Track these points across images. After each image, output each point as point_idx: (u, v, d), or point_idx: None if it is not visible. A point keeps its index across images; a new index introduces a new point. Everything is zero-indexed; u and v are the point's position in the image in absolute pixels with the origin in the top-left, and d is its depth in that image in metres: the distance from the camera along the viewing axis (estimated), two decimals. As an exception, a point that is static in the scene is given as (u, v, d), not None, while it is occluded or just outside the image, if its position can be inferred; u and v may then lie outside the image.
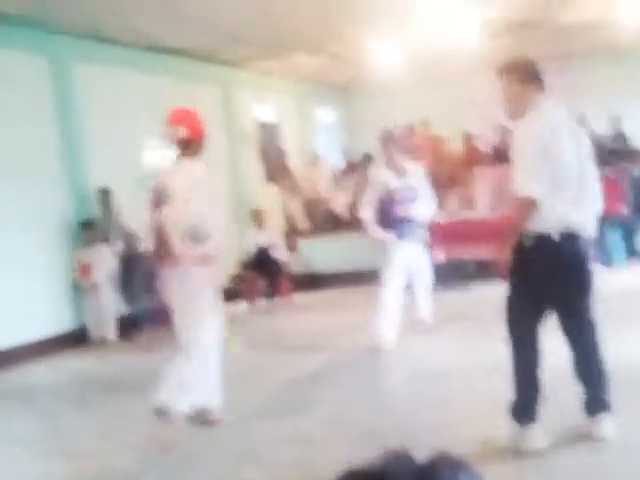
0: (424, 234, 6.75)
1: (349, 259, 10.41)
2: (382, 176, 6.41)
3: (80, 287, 8.23)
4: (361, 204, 6.67)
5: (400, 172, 6.40)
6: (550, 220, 3.51)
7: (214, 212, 4.48)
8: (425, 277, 6.85)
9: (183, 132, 4.61)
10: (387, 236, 6.36)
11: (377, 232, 6.42)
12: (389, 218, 6.38)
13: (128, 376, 6.43)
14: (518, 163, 3.56)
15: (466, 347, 6.14)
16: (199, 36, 9.32)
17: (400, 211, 6.34)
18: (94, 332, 8.18)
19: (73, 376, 6.83)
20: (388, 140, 6.49)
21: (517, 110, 3.71)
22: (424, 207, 6.52)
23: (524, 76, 3.67)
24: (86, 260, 8.15)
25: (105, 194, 8.46)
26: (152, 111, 9.46)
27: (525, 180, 3.48)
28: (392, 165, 6.41)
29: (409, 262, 6.52)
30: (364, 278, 9.61)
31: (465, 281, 9.36)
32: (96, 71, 8.69)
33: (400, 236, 6.36)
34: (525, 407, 3.67)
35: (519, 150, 3.58)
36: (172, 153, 4.73)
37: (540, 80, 3.71)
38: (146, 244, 5.41)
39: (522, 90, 3.66)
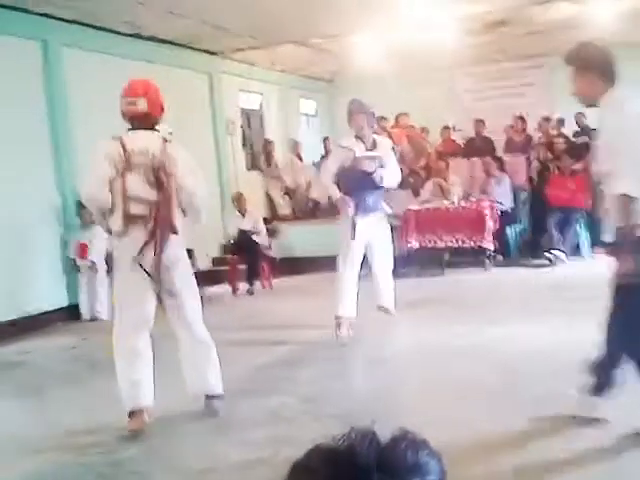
0: (385, 208, 6.63)
1: (329, 244, 10.70)
2: (348, 144, 6.24)
3: (76, 266, 8.48)
4: (322, 169, 6.57)
5: (368, 142, 6.26)
6: None
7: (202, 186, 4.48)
8: (386, 255, 6.65)
9: (143, 105, 4.51)
10: (346, 202, 6.15)
11: (336, 194, 6.22)
12: (351, 187, 6.19)
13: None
14: (611, 158, 3.49)
15: (439, 331, 6.28)
16: (186, 25, 9.57)
17: (362, 179, 6.17)
18: (88, 311, 8.43)
19: (63, 352, 7.01)
20: (359, 110, 6.24)
21: (588, 99, 3.71)
22: (388, 176, 6.37)
23: (594, 64, 3.63)
24: (83, 240, 8.42)
25: None
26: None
27: (619, 176, 3.44)
28: (362, 135, 6.23)
29: (369, 237, 6.37)
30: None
31: (439, 268, 9.72)
32: (85, 57, 8.91)
33: (361, 209, 6.20)
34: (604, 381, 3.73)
35: (612, 144, 3.49)
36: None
37: (612, 69, 3.64)
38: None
39: (590, 79, 3.62)
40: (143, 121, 4.53)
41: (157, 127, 4.57)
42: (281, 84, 13.84)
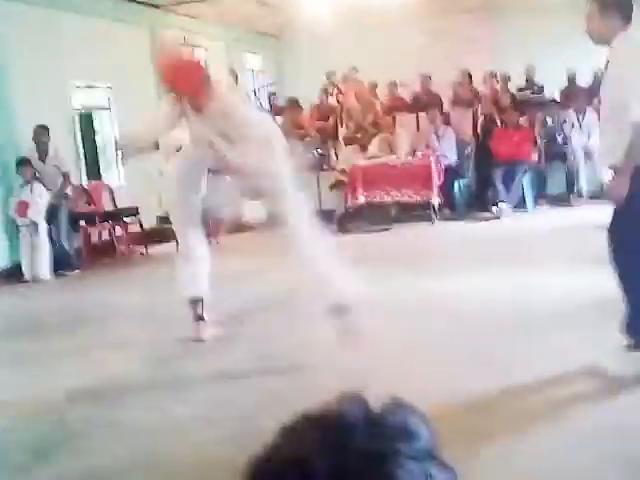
0: None
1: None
2: None
3: (16, 225, 8.33)
4: None
5: None
6: None
7: None
8: None
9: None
10: None
11: None
12: None
13: (58, 315, 6.57)
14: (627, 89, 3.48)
15: (387, 285, 6.16)
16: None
17: None
18: (29, 270, 8.27)
19: (4, 312, 6.94)
20: None
21: (602, 38, 3.70)
22: None
23: (616, 3, 3.64)
24: (22, 198, 8.23)
25: (42, 131, 8.48)
26: (80, 52, 9.48)
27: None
28: None
29: None
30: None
31: (387, 223, 9.78)
32: (24, 11, 8.61)
33: None
34: None
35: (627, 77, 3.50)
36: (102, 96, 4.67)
37: (631, 9, 3.66)
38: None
39: (612, 18, 3.62)
40: None
41: None
42: (226, 38, 13.59)
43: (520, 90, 11.49)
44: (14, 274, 8.26)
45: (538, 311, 4.95)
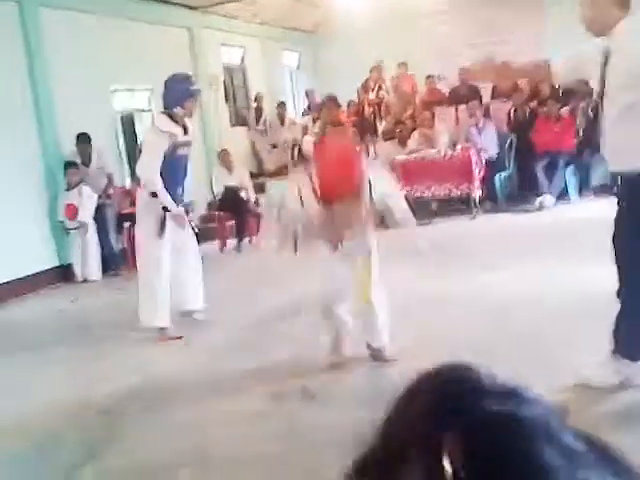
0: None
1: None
2: (169, 128, 5.42)
3: (65, 228, 8.50)
4: (149, 161, 5.39)
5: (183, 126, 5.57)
6: None
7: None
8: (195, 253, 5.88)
9: None
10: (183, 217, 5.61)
11: (171, 204, 5.44)
12: (171, 176, 5.43)
13: (108, 314, 6.70)
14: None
15: (431, 280, 6.25)
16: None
17: (181, 167, 5.59)
18: (79, 271, 8.47)
19: (57, 313, 7.07)
20: (193, 94, 5.60)
21: (600, 27, 3.40)
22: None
23: None
24: (71, 201, 8.40)
25: (84, 138, 8.68)
26: (120, 56, 9.63)
27: None
28: (184, 119, 5.57)
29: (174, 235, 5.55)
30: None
31: (427, 217, 9.72)
32: (64, 16, 8.77)
33: (177, 201, 5.55)
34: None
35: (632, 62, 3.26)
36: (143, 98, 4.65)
37: None
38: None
39: (603, 4, 3.35)
40: None
41: None
42: (263, 37, 13.67)
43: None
44: (63, 274, 8.44)
45: (596, 301, 4.90)
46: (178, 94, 5.47)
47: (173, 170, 5.44)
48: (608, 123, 3.41)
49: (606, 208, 3.81)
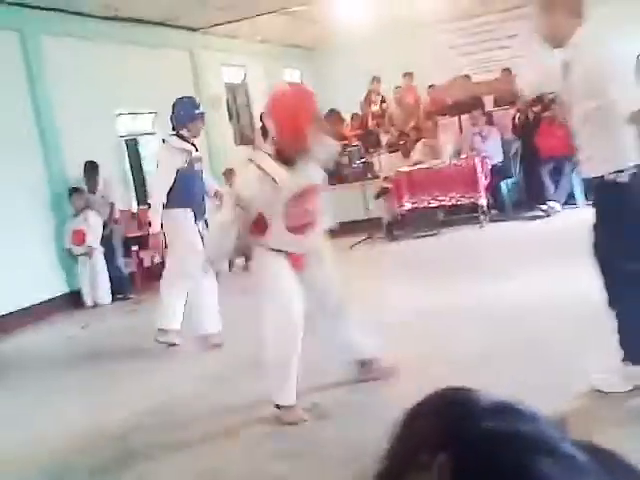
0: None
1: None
2: (181, 144, 5.71)
3: (74, 253, 8.52)
4: (159, 182, 5.76)
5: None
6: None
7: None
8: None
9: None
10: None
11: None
12: (189, 193, 5.66)
13: (119, 339, 6.69)
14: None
15: (439, 291, 6.23)
16: (164, 2, 9.48)
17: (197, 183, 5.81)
18: (89, 296, 8.48)
19: (67, 340, 7.06)
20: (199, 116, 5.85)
21: (556, 39, 3.43)
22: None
23: (561, 1, 3.37)
24: (78, 226, 8.44)
25: (92, 166, 8.76)
26: (123, 80, 9.70)
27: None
28: (187, 139, 5.79)
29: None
30: (336, 231, 10.00)
31: (434, 227, 9.71)
32: (65, 43, 8.86)
33: (199, 218, 5.79)
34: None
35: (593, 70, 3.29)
36: (146, 121, 4.68)
37: (579, 4, 3.40)
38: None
39: (560, 18, 3.37)
40: None
41: None
42: (264, 55, 13.73)
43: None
44: (73, 301, 8.46)
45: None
46: (184, 117, 5.73)
47: (193, 183, 5.70)
48: (575, 131, 3.47)
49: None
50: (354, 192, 10.46)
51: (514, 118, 10.84)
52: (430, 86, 12.44)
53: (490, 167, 9.84)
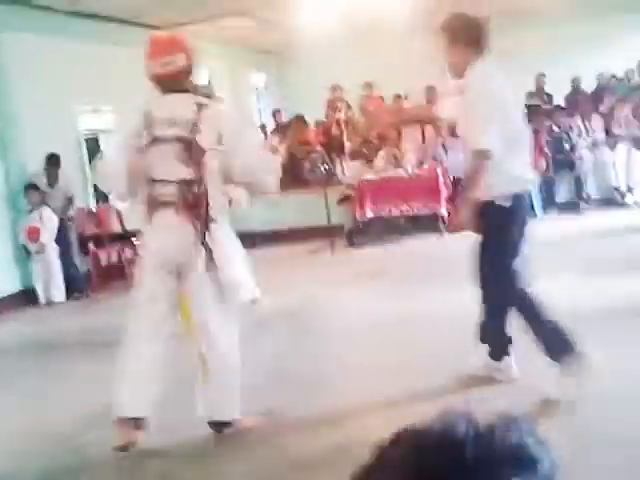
0: None
1: (282, 218, 10.71)
2: None
3: (28, 251, 8.37)
4: None
5: None
6: (516, 180, 3.69)
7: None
8: None
9: (182, 61, 3.96)
10: None
11: None
12: None
13: (74, 337, 6.58)
14: (473, 118, 3.63)
15: (397, 300, 6.27)
16: (127, 0, 9.38)
17: None
18: (43, 294, 8.33)
19: (21, 337, 6.94)
20: None
21: (458, 69, 3.78)
22: None
23: (464, 35, 3.73)
24: (32, 223, 8.28)
25: (54, 160, 8.61)
26: (82, 77, 9.53)
27: (481, 133, 3.57)
28: None
29: None
30: (297, 236, 10.00)
31: (395, 235, 9.75)
32: (25, 39, 8.67)
33: None
34: (503, 344, 4.03)
35: (476, 105, 3.63)
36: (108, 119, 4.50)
37: (480, 39, 3.75)
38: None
39: (461, 50, 3.72)
40: (177, 83, 3.96)
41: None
42: (228, 58, 13.64)
43: (529, 98, 11.47)
44: (27, 298, 8.28)
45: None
46: None
47: None
48: (466, 156, 3.88)
49: (571, 225, 3.89)
50: (316, 198, 10.44)
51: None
52: (397, 96, 12.50)
53: (453, 177, 9.89)
